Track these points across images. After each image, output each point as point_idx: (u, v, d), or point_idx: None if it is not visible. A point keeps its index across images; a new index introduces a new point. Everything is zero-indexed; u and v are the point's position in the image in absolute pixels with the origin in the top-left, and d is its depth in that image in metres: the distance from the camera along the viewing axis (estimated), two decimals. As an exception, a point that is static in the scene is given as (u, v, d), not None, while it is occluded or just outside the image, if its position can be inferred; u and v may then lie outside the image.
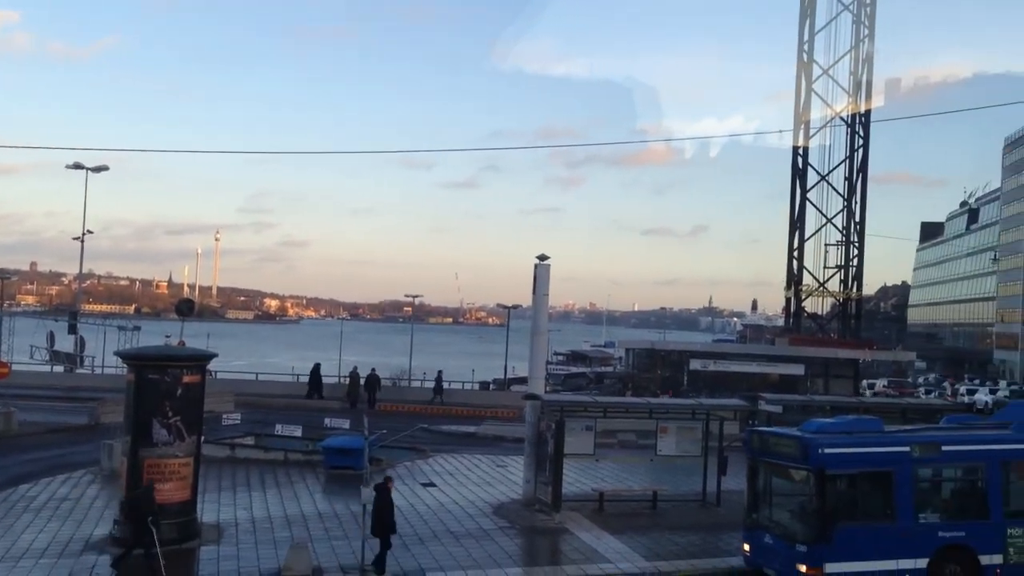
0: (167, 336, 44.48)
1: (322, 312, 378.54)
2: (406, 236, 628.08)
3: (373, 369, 45.39)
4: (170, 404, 17.49)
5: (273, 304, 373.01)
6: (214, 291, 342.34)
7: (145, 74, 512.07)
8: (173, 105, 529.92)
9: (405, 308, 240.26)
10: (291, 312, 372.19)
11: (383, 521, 16.35)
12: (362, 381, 44.23)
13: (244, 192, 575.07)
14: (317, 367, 47.11)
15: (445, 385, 47.69)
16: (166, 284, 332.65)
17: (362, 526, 17.15)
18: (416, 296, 77.24)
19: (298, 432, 29.62)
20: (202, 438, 19.34)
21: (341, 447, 26.06)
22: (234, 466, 26.29)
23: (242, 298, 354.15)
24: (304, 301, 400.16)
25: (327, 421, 30.50)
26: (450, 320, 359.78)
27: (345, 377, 47.14)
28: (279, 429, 30.01)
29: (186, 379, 17.83)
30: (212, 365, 23.22)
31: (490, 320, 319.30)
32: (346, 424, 29.26)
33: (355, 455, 23.04)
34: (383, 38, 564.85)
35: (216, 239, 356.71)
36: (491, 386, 56.94)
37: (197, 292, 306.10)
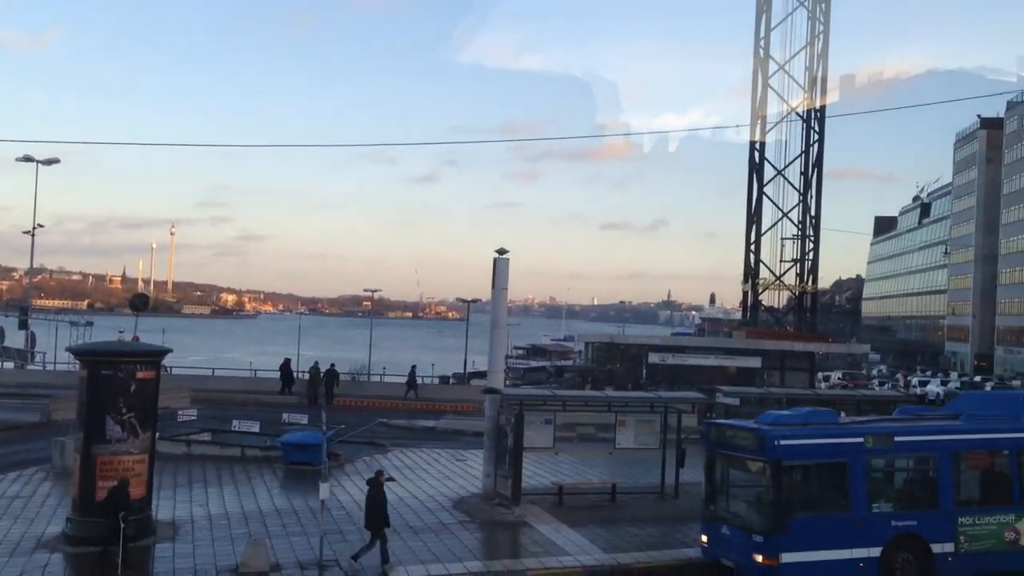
0: (120, 331, 43.65)
1: (280, 307, 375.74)
2: (366, 231, 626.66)
3: (332, 365, 45.08)
4: (124, 400, 17.24)
5: (230, 299, 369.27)
6: (169, 286, 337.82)
7: (98, 65, 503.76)
8: (127, 97, 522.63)
9: (364, 303, 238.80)
10: (248, 307, 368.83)
11: (377, 514, 16.45)
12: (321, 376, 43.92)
13: (201, 186, 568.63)
14: (287, 362, 46.76)
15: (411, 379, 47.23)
16: (120, 279, 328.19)
17: (320, 521, 17.04)
18: (375, 291, 77.42)
19: (256, 428, 29.35)
20: (157, 435, 19.09)
21: (299, 443, 25.86)
22: (190, 463, 25.98)
23: (198, 293, 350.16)
24: (262, 296, 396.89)
25: (285, 416, 30.27)
26: (410, 315, 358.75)
27: (304, 372, 46.78)
28: (236, 425, 29.73)
29: (140, 375, 17.58)
30: (167, 361, 22.90)
31: (450, 314, 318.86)
32: (304, 420, 29.05)
33: (313, 450, 22.88)
34: (344, 30, 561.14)
35: (171, 233, 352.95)
36: (451, 380, 56.81)
37: (152, 287, 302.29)
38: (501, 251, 23.97)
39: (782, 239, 63.41)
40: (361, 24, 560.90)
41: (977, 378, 71.69)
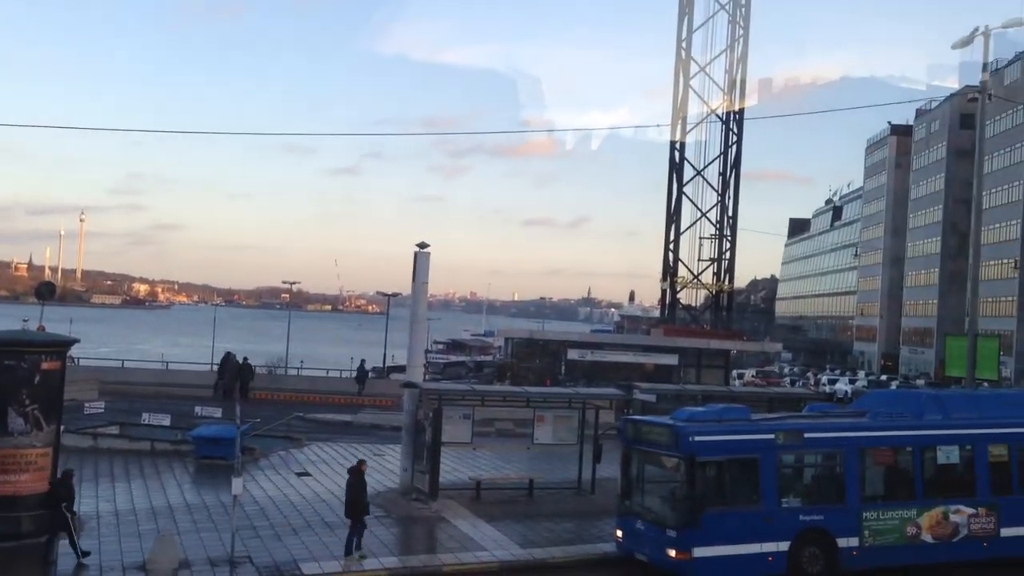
0: (25, 320, 42.34)
1: (195, 298, 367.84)
2: (285, 222, 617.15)
3: (245, 358, 44.14)
4: (27, 392, 16.63)
5: (143, 289, 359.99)
6: (78, 274, 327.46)
7: (5, 43, 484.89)
8: (35, 79, 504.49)
9: (283, 295, 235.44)
10: (162, 297, 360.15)
11: (357, 503, 16.78)
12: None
13: (114, 173, 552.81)
14: (227, 356, 45.72)
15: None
16: (26, 266, 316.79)
17: (232, 517, 16.72)
18: (294, 283, 76.27)
19: (166, 421, 28.68)
20: (62, 427, 18.49)
21: (212, 436, 25.36)
22: (97, 456, 25.25)
23: (109, 282, 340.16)
24: (176, 286, 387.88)
25: (198, 410, 29.64)
26: (329, 308, 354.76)
27: (216, 365, 45.77)
28: (146, 418, 29.03)
29: (45, 366, 16.98)
30: (75, 351, 22.20)
31: (370, 308, 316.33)
32: (218, 413, 28.47)
33: (226, 445, 22.42)
34: (267, 19, 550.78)
35: (81, 220, 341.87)
36: (370, 374, 56.32)
37: (60, 275, 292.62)
38: (422, 245, 23.84)
39: (700, 238, 64.51)
40: (284, 13, 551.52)
41: (883, 377, 74.06)
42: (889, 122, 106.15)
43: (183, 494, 21.59)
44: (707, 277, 64.51)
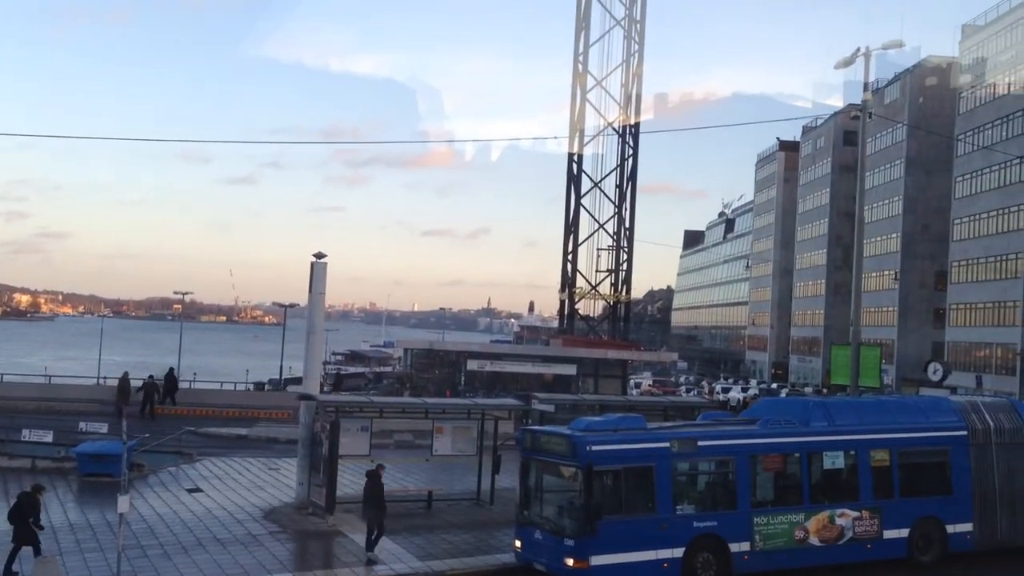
0: None
1: (81, 309, 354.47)
2: (179, 231, 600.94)
3: (151, 376, 42.45)
4: None
5: (24, 300, 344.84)
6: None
7: None
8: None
9: (175, 305, 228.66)
10: (45, 308, 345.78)
11: (376, 505, 17.72)
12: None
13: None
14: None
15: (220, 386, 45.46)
16: None
17: (119, 536, 16.10)
18: (187, 293, 74.60)
19: (48, 438, 27.45)
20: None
21: (96, 453, 24.47)
22: (-27, 476, 24.02)
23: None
24: (60, 297, 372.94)
25: (82, 426, 28.48)
26: (224, 319, 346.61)
27: (104, 379, 44.10)
28: (27, 434, 27.69)
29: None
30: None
31: (267, 319, 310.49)
32: (104, 429, 27.45)
33: (112, 461, 21.68)
34: (157, 23, 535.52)
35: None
36: (266, 387, 55.22)
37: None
38: (319, 255, 23.52)
39: (598, 250, 65.18)
40: (177, 18, 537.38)
41: (774, 385, 76.29)
42: (778, 138, 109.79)
43: (66, 513, 20.72)
44: (605, 288, 65.27)
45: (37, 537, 16.23)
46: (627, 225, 64.79)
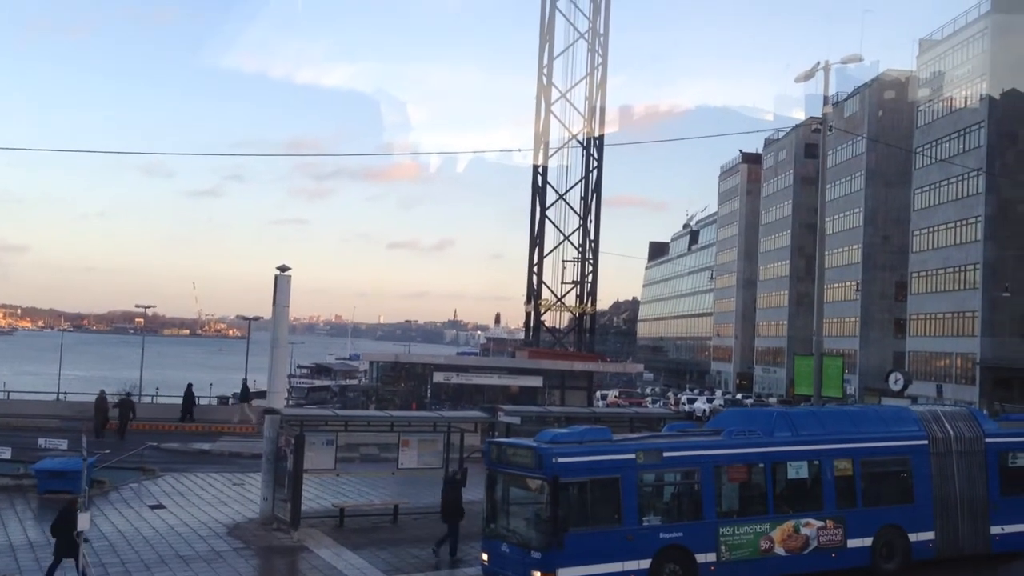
0: None
1: (40, 323, 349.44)
2: (141, 244, 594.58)
3: (128, 394, 41.83)
4: None
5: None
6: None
7: None
8: None
9: (137, 319, 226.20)
10: (3, 322, 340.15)
11: (457, 512, 18.84)
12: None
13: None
14: (190, 387, 44.13)
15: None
16: None
17: (79, 554, 15.82)
18: (149, 306, 73.92)
19: (7, 454, 26.96)
20: None
21: (56, 470, 24.02)
22: (-72, 494, 23.53)
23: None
24: (19, 311, 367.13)
25: (41, 442, 28.03)
26: (187, 332, 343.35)
27: (64, 394, 43.42)
28: (-17, 452, 27.19)
29: None
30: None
31: (231, 332, 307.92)
32: (64, 445, 27.02)
33: (72, 478, 21.31)
34: (117, 35, 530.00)
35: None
36: (230, 401, 54.61)
37: None
38: (283, 268, 23.40)
39: (563, 261, 65.41)
40: (138, 29, 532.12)
41: (739, 396, 76.92)
42: (740, 150, 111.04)
43: (25, 531, 20.35)
44: (570, 299, 65.47)
45: (79, 548, 16.09)
46: (592, 237, 65.09)
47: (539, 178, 63.95)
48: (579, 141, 64.59)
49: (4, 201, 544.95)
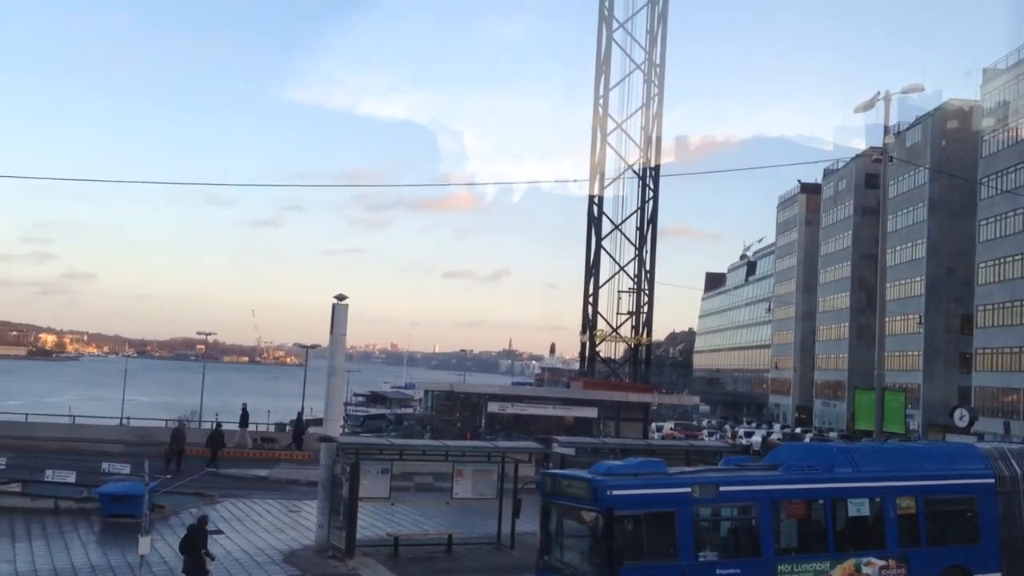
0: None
1: (106, 349, 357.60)
2: (202, 273, 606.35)
3: (219, 424, 42.27)
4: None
5: (50, 340, 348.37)
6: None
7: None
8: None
9: (198, 346, 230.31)
10: (70, 348, 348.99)
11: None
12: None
13: (24, 220, 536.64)
14: (300, 415, 45.28)
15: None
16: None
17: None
18: (210, 333, 75.37)
19: (71, 478, 27.55)
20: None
21: (118, 494, 24.49)
22: (-4, 516, 24.13)
23: (14, 333, 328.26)
24: (85, 337, 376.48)
25: (105, 466, 28.63)
26: (246, 359, 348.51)
27: (127, 419, 44.32)
28: (50, 475, 27.81)
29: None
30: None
31: (288, 359, 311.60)
32: (126, 470, 27.56)
33: (134, 502, 21.67)
34: (180, 67, 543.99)
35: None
36: (287, 428, 55.18)
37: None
38: (340, 297, 23.74)
39: (619, 292, 65.29)
40: (200, 63, 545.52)
41: (798, 430, 75.54)
42: (799, 180, 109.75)
43: (88, 555, 20.75)
44: (626, 330, 65.20)
45: (206, 567, 16.69)
46: (648, 267, 64.91)
47: (595, 208, 64.05)
48: (635, 171, 64.66)
49: (73, 230, 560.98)
